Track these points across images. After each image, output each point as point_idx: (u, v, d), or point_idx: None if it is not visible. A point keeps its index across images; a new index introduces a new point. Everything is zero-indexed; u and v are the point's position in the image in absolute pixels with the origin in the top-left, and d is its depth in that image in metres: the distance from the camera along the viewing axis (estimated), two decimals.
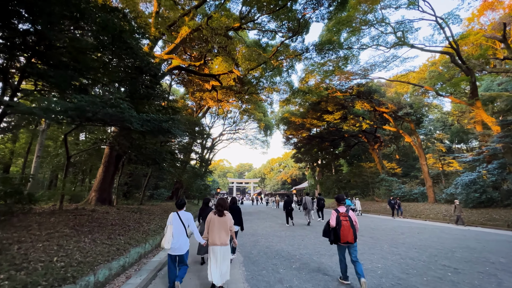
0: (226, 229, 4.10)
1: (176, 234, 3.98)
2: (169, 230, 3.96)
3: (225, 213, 4.19)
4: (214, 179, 50.08)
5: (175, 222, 4.07)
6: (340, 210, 4.34)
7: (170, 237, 3.90)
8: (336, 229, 4.20)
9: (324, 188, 33.34)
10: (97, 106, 4.01)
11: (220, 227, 4.06)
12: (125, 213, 9.18)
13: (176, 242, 3.96)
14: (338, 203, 4.51)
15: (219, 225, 4.08)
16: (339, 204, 4.49)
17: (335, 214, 4.32)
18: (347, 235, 4.08)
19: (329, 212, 19.50)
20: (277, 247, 7.15)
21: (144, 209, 11.74)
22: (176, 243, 3.96)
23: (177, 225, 4.05)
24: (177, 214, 4.17)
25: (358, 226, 4.30)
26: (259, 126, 30.91)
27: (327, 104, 21.18)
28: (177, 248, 3.98)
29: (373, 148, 24.86)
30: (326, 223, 4.48)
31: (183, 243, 4.04)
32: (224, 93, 19.49)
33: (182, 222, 4.11)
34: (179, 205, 4.30)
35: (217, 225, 4.08)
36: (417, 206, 17.94)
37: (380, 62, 18.87)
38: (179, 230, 4.03)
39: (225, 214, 4.18)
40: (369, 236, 8.60)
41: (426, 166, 18.39)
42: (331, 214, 4.41)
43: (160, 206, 14.78)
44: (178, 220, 4.11)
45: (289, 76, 22.44)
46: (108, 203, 10.48)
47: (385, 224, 12.43)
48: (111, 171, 10.72)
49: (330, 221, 4.31)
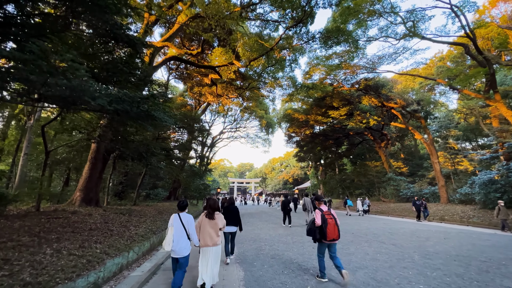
0: (217, 230, 4.21)
1: (176, 237, 3.86)
2: (170, 232, 3.87)
3: (215, 215, 4.23)
4: (215, 178, 49.10)
5: (176, 224, 3.94)
6: (323, 209, 4.47)
7: (171, 239, 3.81)
8: (322, 227, 4.29)
9: (328, 188, 32.30)
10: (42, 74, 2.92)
11: (211, 229, 4.16)
12: (111, 215, 8.18)
13: (176, 245, 3.84)
14: (318, 202, 4.65)
15: (210, 226, 4.17)
16: (319, 203, 4.62)
17: (319, 213, 4.42)
18: (333, 233, 4.24)
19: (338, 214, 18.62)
20: (284, 256, 6.10)
21: (136, 210, 10.73)
22: (176, 246, 3.84)
23: (177, 227, 3.92)
24: (178, 216, 4.02)
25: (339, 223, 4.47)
26: (261, 123, 29.90)
27: (332, 100, 20.11)
28: (177, 251, 3.86)
29: (380, 146, 23.79)
30: (311, 223, 4.49)
31: (184, 246, 3.90)
32: (224, 87, 18.48)
33: (183, 224, 3.95)
34: (180, 206, 4.14)
35: (208, 227, 4.17)
36: (429, 207, 16.84)
37: (389, 55, 17.78)
38: (179, 233, 3.90)
39: (215, 216, 4.23)
40: (391, 243, 7.52)
41: (438, 165, 17.31)
42: (315, 213, 4.47)
43: (155, 207, 13.78)
44: (179, 222, 3.97)
45: (292, 71, 21.41)
46: (95, 203, 9.47)
47: (402, 228, 11.29)
48: (99, 168, 9.72)
49: (316, 220, 4.37)
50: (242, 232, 10.12)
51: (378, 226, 11.86)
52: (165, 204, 16.54)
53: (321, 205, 4.57)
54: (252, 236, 9.17)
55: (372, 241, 7.85)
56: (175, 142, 18.28)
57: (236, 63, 14.38)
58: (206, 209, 4.38)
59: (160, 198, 19.88)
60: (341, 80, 19.49)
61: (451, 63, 29.83)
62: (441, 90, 34.26)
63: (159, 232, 8.39)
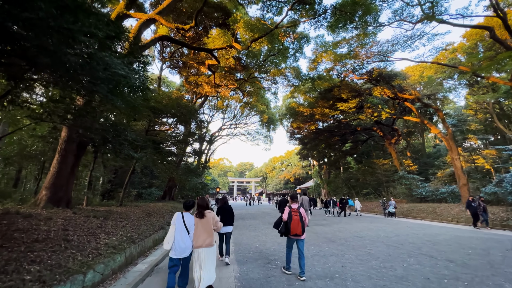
0: (209, 230, 3.98)
1: (178, 236, 3.78)
2: (171, 230, 3.82)
3: (205, 214, 4.04)
4: (214, 177, 47.43)
5: (178, 223, 3.87)
6: (292, 207, 4.73)
7: (171, 237, 3.76)
8: (287, 222, 4.60)
9: (332, 187, 30.68)
10: None
11: (203, 229, 3.96)
12: (80, 219, 6.53)
13: (177, 245, 3.75)
14: (291, 200, 4.91)
15: (202, 226, 3.97)
16: (292, 201, 4.88)
17: (288, 209, 4.69)
18: (296, 228, 4.53)
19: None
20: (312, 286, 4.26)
21: (118, 212, 9.08)
22: (177, 245, 3.75)
23: (180, 227, 3.85)
24: (181, 215, 3.96)
25: (307, 222, 4.99)
26: (262, 118, 28.25)
27: (341, 91, 18.47)
28: (178, 251, 3.75)
29: (390, 142, 22.15)
30: (279, 217, 4.86)
31: (185, 246, 3.78)
32: (222, 76, 16.84)
33: (185, 224, 3.88)
34: (186, 206, 4.08)
35: (200, 227, 3.97)
36: (450, 208, 15.22)
37: (404, 40, 16.13)
38: (182, 232, 3.82)
39: (205, 215, 4.04)
40: (447, 259, 5.63)
41: (459, 161, 15.69)
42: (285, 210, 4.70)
43: (144, 208, 12.12)
44: (182, 221, 3.89)
45: (296, 60, 19.78)
46: (65, 204, 7.82)
47: (437, 233, 9.42)
48: (70, 162, 8.06)
49: (283, 215, 4.70)
50: (244, 238, 8.65)
51: (405, 231, 10.14)
52: (158, 205, 14.88)
53: (293, 203, 4.85)
54: (257, 246, 7.51)
55: (419, 256, 6.00)
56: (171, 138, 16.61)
57: (236, 45, 12.74)
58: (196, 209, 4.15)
59: (153, 198, 18.24)
60: (351, 69, 17.80)
61: (463, 55, 28.27)
62: (450, 86, 32.75)
63: (141, 240, 6.75)
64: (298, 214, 4.59)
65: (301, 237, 4.58)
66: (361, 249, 6.76)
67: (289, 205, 4.78)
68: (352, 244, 7.40)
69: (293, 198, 4.95)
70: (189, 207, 4.05)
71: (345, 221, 14.33)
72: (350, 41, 17.40)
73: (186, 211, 4.03)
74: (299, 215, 4.58)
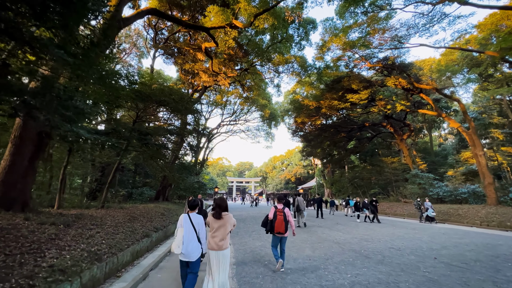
0: (225, 232, 3.64)
1: (186, 239, 3.54)
2: (179, 233, 3.56)
3: (223, 215, 3.67)
4: (212, 177, 45.69)
5: (185, 225, 3.64)
6: (278, 207, 5.10)
7: (180, 241, 3.49)
8: (272, 221, 5.02)
9: (337, 187, 29.08)
10: None
11: (218, 231, 3.63)
12: (30, 227, 4.85)
13: (186, 248, 3.51)
14: (278, 201, 5.28)
15: (217, 228, 3.64)
16: (279, 202, 5.24)
17: (273, 209, 5.08)
18: (280, 227, 4.90)
19: (388, 220, 14.59)
20: None
21: (92, 216, 7.40)
22: (186, 248, 3.51)
23: (187, 229, 3.62)
24: (188, 216, 3.71)
25: (292, 221, 5.17)
26: (264, 113, 26.60)
27: (350, 81, 16.83)
28: (187, 254, 3.53)
29: (402, 138, 20.54)
30: (265, 216, 5.25)
31: (194, 249, 3.58)
32: (221, 63, 15.18)
33: (193, 225, 3.65)
34: (191, 205, 3.87)
35: (215, 228, 3.65)
36: (475, 210, 13.61)
37: (423, 23, 14.52)
38: (189, 234, 3.60)
39: (223, 216, 3.66)
40: None
41: (483, 158, 14.11)
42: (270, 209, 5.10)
43: (130, 211, 10.44)
44: (189, 223, 3.66)
45: (301, 49, 18.15)
46: (20, 207, 6.14)
47: (487, 243, 7.74)
48: (28, 153, 6.37)
49: (269, 214, 5.09)
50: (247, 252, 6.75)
51: (446, 239, 8.32)
52: (148, 206, 13.19)
53: (279, 204, 5.20)
54: (266, 263, 5.82)
55: (507, 284, 4.22)
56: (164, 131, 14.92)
57: (237, 22, 11.10)
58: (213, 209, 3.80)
59: (144, 198, 16.54)
60: (364, 55, 16.14)
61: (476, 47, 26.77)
62: (459, 81, 31.29)
63: (112, 255, 5.06)
64: (283, 214, 4.97)
65: (284, 235, 4.99)
66: (414, 271, 4.92)
67: (274, 205, 5.22)
68: (396, 262, 5.59)
69: (280, 199, 5.31)
70: (193, 207, 3.88)
71: (360, 225, 12.70)
72: (362, 25, 15.80)
73: (192, 211, 3.87)
74: (283, 215, 4.97)
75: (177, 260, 3.77)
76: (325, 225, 12.79)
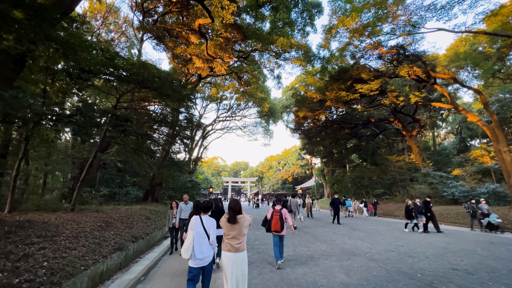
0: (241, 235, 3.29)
1: (197, 243, 3.25)
2: (189, 237, 3.27)
3: (238, 219, 3.32)
4: (207, 177, 43.71)
5: (197, 228, 3.32)
6: (276, 208, 5.45)
7: (190, 244, 3.22)
8: (269, 220, 5.44)
9: (340, 187, 27.61)
10: None
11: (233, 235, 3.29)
12: None
13: (200, 252, 3.23)
14: (277, 202, 5.65)
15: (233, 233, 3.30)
16: (277, 203, 5.60)
17: (271, 210, 5.50)
18: (275, 226, 5.28)
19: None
20: None
21: (45, 223, 5.59)
22: (200, 253, 3.23)
23: (199, 232, 3.30)
24: (199, 219, 3.37)
25: (289, 221, 5.56)
26: (262, 108, 24.90)
27: (360, 70, 15.30)
28: (200, 260, 3.23)
29: (411, 135, 19.15)
30: (264, 217, 5.66)
31: (207, 253, 3.30)
32: (217, 46, 13.46)
33: (204, 228, 3.32)
34: (204, 207, 3.48)
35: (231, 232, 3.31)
36: (502, 213, 12.21)
37: (442, 5, 13.09)
38: (201, 238, 3.29)
39: (238, 220, 3.31)
40: None
41: (508, 154, 12.75)
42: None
43: (106, 214, 8.63)
44: (201, 225, 3.33)
45: (305, 36, 16.57)
46: None
47: None
48: None
49: (267, 215, 5.54)
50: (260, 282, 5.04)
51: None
52: (133, 209, 11.36)
53: (277, 205, 5.54)
54: None
55: None
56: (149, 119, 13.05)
57: None
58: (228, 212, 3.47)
59: (130, 199, 14.64)
60: (377, 40, 14.59)
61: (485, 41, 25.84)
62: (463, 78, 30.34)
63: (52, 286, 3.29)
64: (279, 214, 5.35)
65: (281, 233, 5.32)
66: None
67: (272, 206, 5.68)
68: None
69: (278, 201, 5.71)
70: (206, 209, 3.48)
71: (381, 231, 11.13)
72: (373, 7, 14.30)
73: (204, 213, 3.48)
74: (279, 215, 5.33)
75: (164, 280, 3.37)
76: (339, 230, 11.12)
